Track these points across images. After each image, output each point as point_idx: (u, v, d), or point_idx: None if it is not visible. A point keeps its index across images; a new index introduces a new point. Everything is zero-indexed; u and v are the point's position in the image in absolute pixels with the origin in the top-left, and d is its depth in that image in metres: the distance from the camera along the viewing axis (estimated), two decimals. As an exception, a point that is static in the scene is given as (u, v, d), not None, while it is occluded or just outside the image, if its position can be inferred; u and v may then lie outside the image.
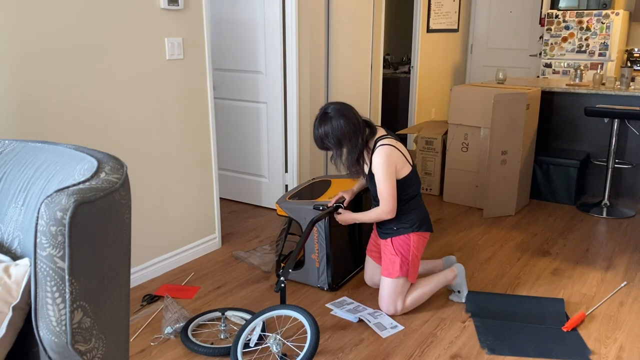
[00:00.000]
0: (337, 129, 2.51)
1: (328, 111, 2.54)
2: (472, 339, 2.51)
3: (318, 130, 2.56)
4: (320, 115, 2.56)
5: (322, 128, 2.54)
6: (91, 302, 1.25)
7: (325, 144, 2.57)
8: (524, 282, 3.06)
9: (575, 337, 2.50)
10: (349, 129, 2.53)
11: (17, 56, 2.35)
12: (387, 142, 2.56)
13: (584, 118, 4.59)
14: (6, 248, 1.48)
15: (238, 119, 4.24)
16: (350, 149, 2.56)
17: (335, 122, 2.52)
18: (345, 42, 4.86)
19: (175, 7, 2.96)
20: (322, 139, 2.56)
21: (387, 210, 2.58)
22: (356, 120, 2.55)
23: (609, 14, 5.87)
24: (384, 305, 2.69)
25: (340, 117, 2.52)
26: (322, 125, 2.54)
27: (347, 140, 2.54)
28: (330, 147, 2.57)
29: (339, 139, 2.53)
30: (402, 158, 2.59)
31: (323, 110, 2.56)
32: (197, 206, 3.37)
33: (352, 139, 2.54)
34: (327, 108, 2.55)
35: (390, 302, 2.66)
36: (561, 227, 3.91)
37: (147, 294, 2.89)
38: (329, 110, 2.54)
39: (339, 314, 2.72)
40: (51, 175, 1.45)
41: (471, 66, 7.39)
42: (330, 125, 2.52)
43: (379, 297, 2.72)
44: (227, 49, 4.13)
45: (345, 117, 2.52)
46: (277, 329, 2.58)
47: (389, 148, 2.55)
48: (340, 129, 2.51)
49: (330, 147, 2.57)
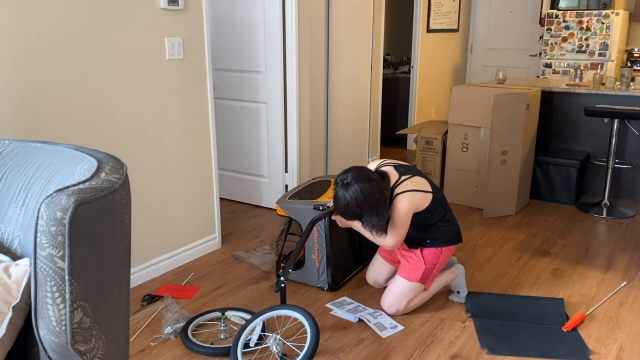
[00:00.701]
0: (367, 194, 2.34)
1: (348, 180, 2.36)
2: (472, 339, 2.51)
3: (346, 201, 2.36)
4: (342, 185, 2.37)
5: (350, 197, 2.35)
6: (91, 302, 1.25)
7: (355, 214, 2.40)
8: (524, 282, 3.06)
9: (575, 337, 2.50)
10: (375, 190, 2.36)
11: (17, 56, 2.35)
12: (405, 188, 2.49)
13: (584, 118, 4.59)
14: (6, 248, 1.48)
15: (238, 119, 4.24)
16: (380, 211, 2.41)
17: (361, 187, 2.34)
18: (345, 42, 4.86)
19: (175, 7, 2.96)
20: (352, 210, 2.38)
21: (391, 245, 2.55)
22: (376, 177, 2.41)
23: (609, 14, 5.87)
24: (389, 303, 2.67)
25: (364, 182, 2.35)
26: (348, 194, 2.35)
27: (376, 203, 2.38)
28: (363, 214, 2.41)
29: (371, 205, 2.36)
30: (422, 196, 2.52)
31: (342, 180, 2.38)
32: (197, 206, 3.37)
33: (381, 200, 2.38)
34: (345, 178, 2.37)
35: (397, 302, 2.66)
36: (561, 227, 3.91)
37: (147, 294, 2.89)
38: (348, 179, 2.36)
39: (338, 314, 2.72)
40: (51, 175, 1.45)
41: (471, 66, 7.39)
42: (359, 193, 2.33)
43: (386, 295, 2.70)
44: (227, 49, 4.13)
45: (367, 179, 2.36)
46: (277, 329, 2.58)
47: (409, 197, 2.48)
48: (370, 192, 2.34)
49: (363, 214, 2.41)
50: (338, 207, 2.42)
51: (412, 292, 2.66)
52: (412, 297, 2.67)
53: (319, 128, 4.70)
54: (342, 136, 5.07)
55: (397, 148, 6.52)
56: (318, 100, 4.60)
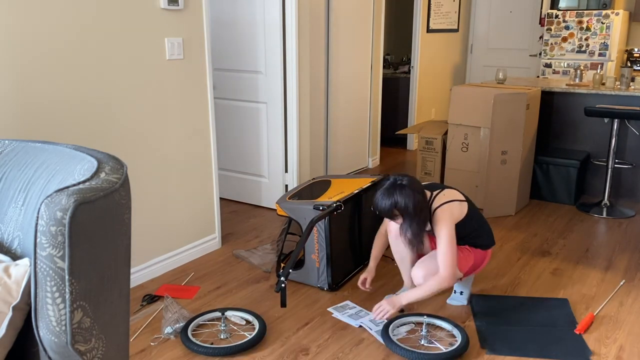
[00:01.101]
0: (416, 201, 2.38)
1: (404, 182, 2.40)
2: (472, 339, 2.51)
3: (394, 200, 2.38)
4: (396, 185, 2.40)
5: (401, 197, 2.37)
6: (91, 302, 1.25)
7: (395, 214, 2.42)
8: (524, 282, 3.06)
9: (576, 338, 2.50)
10: (423, 200, 2.42)
11: (17, 56, 2.35)
12: (441, 201, 2.49)
13: (584, 118, 4.59)
14: (6, 248, 1.48)
15: (238, 119, 4.24)
16: (422, 220, 2.44)
17: (413, 193, 2.38)
18: (345, 42, 4.86)
19: (175, 7, 2.96)
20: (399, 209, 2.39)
21: (448, 276, 2.42)
22: (422, 190, 2.45)
23: (609, 14, 5.87)
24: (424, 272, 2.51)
25: (416, 190, 2.39)
26: (400, 194, 2.38)
27: (420, 211, 2.41)
28: (403, 216, 2.42)
29: (415, 210, 2.39)
30: (458, 205, 2.53)
31: (396, 180, 2.42)
32: (197, 206, 3.37)
33: (424, 209, 2.43)
34: (401, 179, 2.41)
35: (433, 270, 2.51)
36: (561, 227, 3.91)
37: (147, 294, 2.89)
38: (404, 182, 2.40)
39: (339, 318, 2.71)
40: (51, 175, 1.45)
41: (471, 66, 7.39)
42: (410, 197, 2.37)
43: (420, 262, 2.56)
44: (227, 49, 4.13)
45: (420, 189, 2.41)
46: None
47: (448, 207, 2.48)
48: (419, 201, 2.39)
49: (403, 216, 2.42)
50: (381, 204, 2.40)
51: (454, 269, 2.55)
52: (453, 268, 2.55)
53: (319, 128, 4.70)
54: (342, 136, 5.07)
55: (397, 148, 6.52)
56: (318, 100, 4.60)
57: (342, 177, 3.39)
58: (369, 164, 5.59)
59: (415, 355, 2.30)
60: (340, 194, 3.02)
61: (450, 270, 2.43)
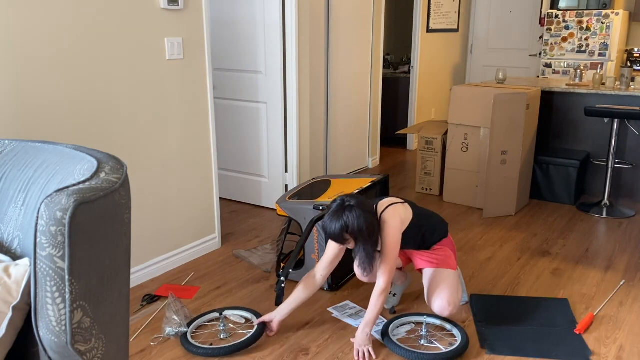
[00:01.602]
0: (366, 219, 2.25)
1: (352, 203, 2.26)
2: (472, 339, 2.51)
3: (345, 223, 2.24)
4: (344, 207, 2.26)
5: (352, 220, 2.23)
6: (91, 302, 1.25)
7: (346, 237, 2.27)
8: (524, 282, 3.06)
9: (576, 338, 2.50)
10: (373, 219, 2.29)
11: (17, 57, 2.35)
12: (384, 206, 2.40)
13: (584, 118, 4.59)
14: (6, 248, 1.48)
15: (238, 119, 4.24)
16: (373, 242, 2.31)
17: (364, 214, 2.25)
18: (345, 42, 4.86)
19: (175, 7, 2.96)
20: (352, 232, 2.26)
21: (387, 282, 2.34)
22: (372, 210, 2.33)
23: (609, 14, 5.87)
24: (448, 301, 2.42)
25: (366, 210, 2.27)
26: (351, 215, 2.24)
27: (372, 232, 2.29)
28: (355, 239, 2.28)
29: (368, 230, 2.27)
30: (402, 207, 2.45)
31: (343, 201, 2.28)
32: (197, 206, 3.37)
33: (376, 230, 2.31)
34: (348, 200, 2.27)
35: (455, 297, 2.44)
36: (561, 227, 3.91)
37: (147, 294, 2.89)
38: (352, 203, 2.27)
39: (339, 318, 2.71)
40: (51, 175, 1.45)
41: (471, 66, 7.39)
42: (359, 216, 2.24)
43: (438, 293, 2.45)
44: (227, 49, 4.13)
45: (369, 209, 2.29)
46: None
47: (393, 210, 2.39)
48: (369, 220, 2.26)
49: (355, 239, 2.28)
50: (331, 227, 2.26)
51: (457, 281, 2.52)
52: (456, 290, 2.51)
53: (319, 128, 4.70)
54: (342, 136, 5.07)
55: (397, 148, 6.52)
56: (318, 100, 4.60)
57: (342, 177, 3.39)
58: (369, 164, 5.59)
59: (415, 355, 2.30)
60: (340, 194, 3.02)
61: (388, 276, 2.34)
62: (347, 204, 2.26)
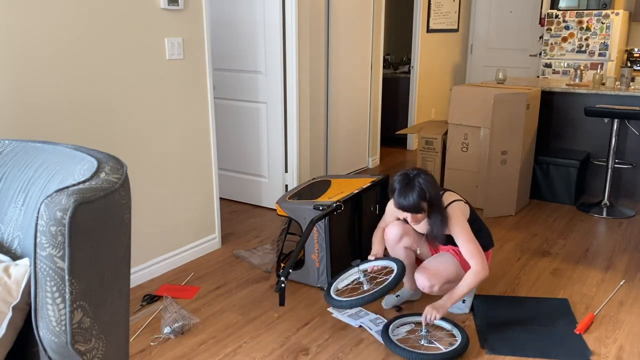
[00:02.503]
0: (434, 186, 2.38)
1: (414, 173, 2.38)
2: (472, 339, 2.51)
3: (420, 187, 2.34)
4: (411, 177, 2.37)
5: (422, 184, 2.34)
6: (91, 302, 1.25)
7: (422, 206, 2.37)
8: (524, 282, 3.06)
9: (576, 338, 2.50)
10: (437, 185, 2.43)
11: (17, 57, 2.35)
12: (448, 200, 2.50)
13: (584, 118, 4.59)
14: (6, 248, 1.48)
15: (238, 119, 4.24)
16: (442, 211, 2.44)
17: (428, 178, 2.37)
18: (345, 42, 4.87)
19: (175, 7, 2.96)
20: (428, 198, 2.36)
21: (482, 266, 2.40)
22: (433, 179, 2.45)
23: (609, 14, 5.87)
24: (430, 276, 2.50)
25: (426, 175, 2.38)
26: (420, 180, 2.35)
27: (440, 200, 2.43)
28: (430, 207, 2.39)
29: (438, 197, 2.40)
30: (463, 204, 2.54)
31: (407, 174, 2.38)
32: (197, 206, 3.37)
33: (441, 200, 2.45)
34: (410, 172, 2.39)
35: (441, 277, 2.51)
36: (561, 227, 3.91)
37: (147, 294, 2.89)
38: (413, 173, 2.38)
39: (339, 318, 2.71)
40: (51, 175, 1.45)
41: (471, 66, 7.39)
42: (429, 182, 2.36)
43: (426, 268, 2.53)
44: (227, 49, 4.13)
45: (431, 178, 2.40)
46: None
47: (456, 205, 2.48)
48: (434, 185, 2.39)
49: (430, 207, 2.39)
50: (407, 198, 2.33)
51: (455, 276, 2.56)
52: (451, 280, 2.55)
53: (319, 128, 4.70)
54: (342, 136, 5.07)
55: (397, 148, 6.52)
56: (318, 100, 4.60)
57: (342, 177, 3.39)
58: (369, 164, 5.59)
59: (415, 356, 2.30)
60: (340, 194, 3.02)
61: (481, 261, 2.41)
62: (412, 175, 2.36)
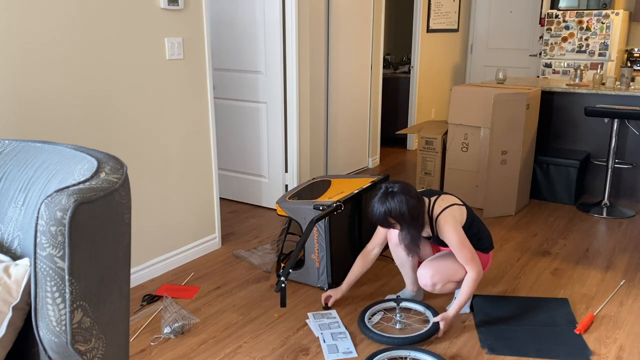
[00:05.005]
0: (411, 206, 2.36)
1: (395, 190, 2.38)
2: (472, 339, 2.51)
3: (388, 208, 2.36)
4: (388, 193, 2.38)
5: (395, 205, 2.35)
6: (91, 302, 1.25)
7: (391, 221, 2.40)
8: (524, 282, 3.06)
9: (576, 338, 2.50)
10: (418, 205, 2.40)
11: (17, 56, 2.35)
12: (441, 207, 2.49)
13: (584, 118, 4.59)
14: (6, 248, 1.48)
15: (238, 119, 4.24)
16: (418, 226, 2.43)
17: (407, 199, 2.36)
18: (345, 42, 4.86)
19: (175, 7, 2.96)
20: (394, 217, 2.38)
21: (477, 272, 2.47)
22: (418, 196, 2.44)
23: (609, 14, 5.87)
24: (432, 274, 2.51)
25: (409, 195, 2.37)
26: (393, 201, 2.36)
27: (417, 216, 2.40)
28: (400, 223, 2.40)
29: (411, 215, 2.38)
30: (458, 209, 2.52)
31: (387, 188, 2.40)
32: (197, 206, 3.37)
33: (420, 214, 2.42)
34: (392, 187, 2.39)
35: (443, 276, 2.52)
36: (561, 227, 3.91)
37: (147, 294, 2.89)
38: (395, 189, 2.38)
39: (310, 324, 2.63)
40: (51, 175, 1.45)
41: (471, 66, 7.39)
42: (404, 203, 2.35)
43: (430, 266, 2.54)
44: (227, 49, 4.13)
45: (413, 194, 2.39)
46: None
47: (449, 212, 2.48)
48: (413, 206, 2.37)
49: (400, 223, 2.40)
50: (377, 212, 2.38)
51: (458, 276, 2.56)
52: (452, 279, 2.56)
53: (319, 128, 4.70)
54: (342, 136, 5.07)
55: (397, 148, 6.52)
56: (318, 100, 4.60)
57: (342, 177, 3.39)
58: (369, 164, 5.59)
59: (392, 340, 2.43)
60: (340, 194, 3.02)
61: (476, 267, 2.47)
62: (390, 190, 2.39)
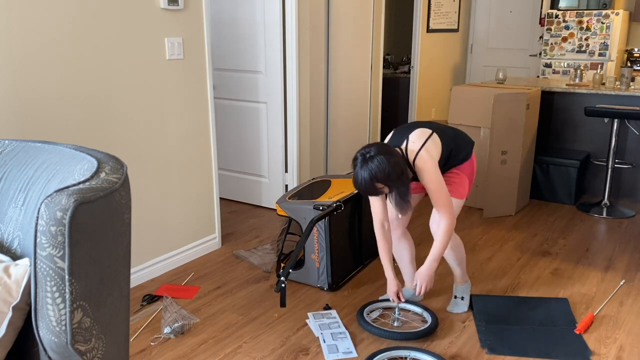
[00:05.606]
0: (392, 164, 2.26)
1: (372, 154, 2.28)
2: (472, 339, 2.51)
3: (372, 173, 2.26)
4: (366, 159, 2.28)
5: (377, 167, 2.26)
6: (91, 302, 1.25)
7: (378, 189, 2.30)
8: (524, 282, 3.06)
9: (576, 338, 2.50)
10: (399, 159, 2.30)
11: (17, 56, 2.35)
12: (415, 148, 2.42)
13: (584, 118, 4.59)
14: (6, 248, 1.48)
15: (238, 119, 4.24)
16: (405, 180, 2.32)
17: (387, 158, 2.27)
18: (345, 42, 4.86)
19: (175, 7, 2.96)
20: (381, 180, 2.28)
21: (450, 221, 2.41)
22: (394, 150, 2.35)
23: (609, 14, 5.87)
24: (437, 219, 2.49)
25: (387, 154, 2.28)
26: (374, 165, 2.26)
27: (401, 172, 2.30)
28: (388, 186, 2.30)
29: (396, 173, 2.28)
30: (432, 144, 2.44)
31: (363, 155, 2.29)
32: (197, 206, 3.37)
33: (404, 169, 2.32)
34: (367, 152, 2.29)
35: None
36: (561, 227, 3.91)
37: (147, 294, 2.89)
38: (372, 153, 2.28)
39: (310, 324, 2.64)
40: (51, 175, 1.45)
41: (471, 66, 7.39)
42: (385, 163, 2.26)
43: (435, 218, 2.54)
44: (227, 49, 4.13)
45: (389, 151, 2.30)
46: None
47: (425, 153, 2.40)
48: (395, 163, 2.27)
49: (388, 186, 2.30)
50: (362, 181, 2.28)
51: (459, 209, 2.58)
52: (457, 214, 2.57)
53: (319, 128, 4.70)
54: (342, 136, 5.07)
55: (397, 148, 6.51)
56: (318, 100, 4.60)
57: (342, 177, 3.39)
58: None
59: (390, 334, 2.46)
60: (340, 194, 3.02)
61: (450, 216, 2.41)
62: (368, 155, 2.28)
